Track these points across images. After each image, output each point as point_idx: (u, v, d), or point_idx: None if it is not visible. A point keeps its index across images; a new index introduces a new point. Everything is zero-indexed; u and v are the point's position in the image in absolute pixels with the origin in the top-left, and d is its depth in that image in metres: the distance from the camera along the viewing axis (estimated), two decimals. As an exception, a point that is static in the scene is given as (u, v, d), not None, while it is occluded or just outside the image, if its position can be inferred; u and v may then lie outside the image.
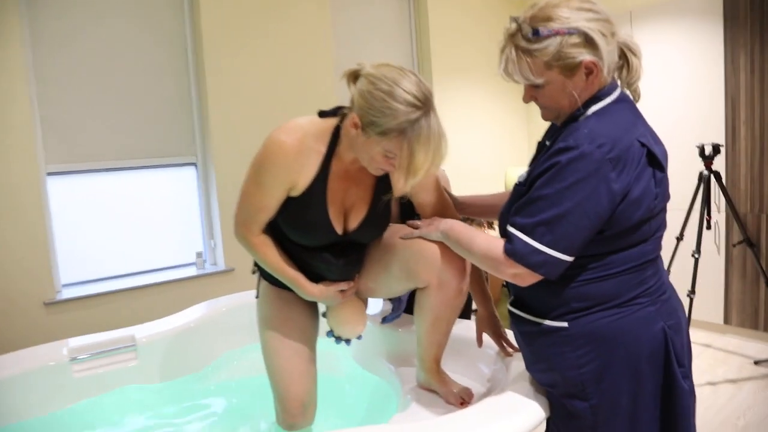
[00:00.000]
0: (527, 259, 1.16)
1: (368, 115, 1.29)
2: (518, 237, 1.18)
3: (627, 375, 1.22)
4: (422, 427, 1.30)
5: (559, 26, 1.14)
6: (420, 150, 1.26)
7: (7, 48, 2.66)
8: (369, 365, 2.09)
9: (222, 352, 2.32)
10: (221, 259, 3.35)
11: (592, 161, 1.11)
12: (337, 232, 1.50)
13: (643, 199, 1.18)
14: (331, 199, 1.47)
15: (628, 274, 1.22)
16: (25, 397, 1.90)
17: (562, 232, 1.14)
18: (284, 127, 1.41)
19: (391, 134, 1.27)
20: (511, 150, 4.88)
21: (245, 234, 1.51)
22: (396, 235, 1.55)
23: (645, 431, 1.26)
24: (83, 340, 2.10)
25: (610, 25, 1.19)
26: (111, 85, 3.07)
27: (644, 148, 1.18)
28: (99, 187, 3.09)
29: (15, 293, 2.71)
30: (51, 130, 2.90)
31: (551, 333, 1.26)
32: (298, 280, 1.54)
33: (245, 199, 1.50)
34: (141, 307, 3.00)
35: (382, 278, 1.60)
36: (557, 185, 1.14)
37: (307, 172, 1.43)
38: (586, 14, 1.16)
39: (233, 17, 3.33)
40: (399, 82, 1.27)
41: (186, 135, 3.33)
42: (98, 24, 3.02)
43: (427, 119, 1.27)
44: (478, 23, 4.61)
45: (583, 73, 1.17)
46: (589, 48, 1.15)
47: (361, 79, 1.33)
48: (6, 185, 2.69)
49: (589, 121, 1.18)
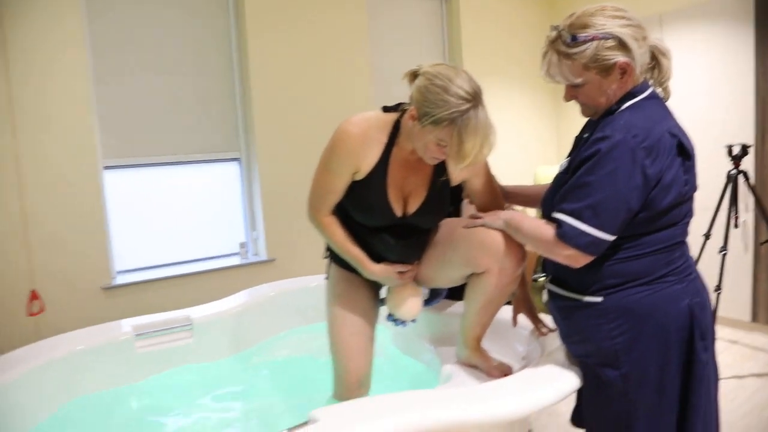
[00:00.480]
0: (577, 241, 1.30)
1: (423, 106, 1.45)
2: (567, 222, 1.31)
3: (656, 346, 1.35)
4: (467, 392, 1.44)
5: (595, 32, 1.30)
6: (468, 138, 1.41)
7: (71, 52, 2.88)
8: (408, 348, 2.22)
9: (268, 333, 2.48)
10: (263, 249, 3.53)
11: (628, 149, 1.25)
12: (396, 214, 1.66)
13: (673, 185, 1.30)
14: (391, 183, 1.63)
15: (658, 254, 1.35)
16: (95, 369, 2.07)
17: (607, 214, 1.27)
18: (351, 119, 1.60)
19: (443, 123, 1.43)
20: (540, 150, 4.97)
21: (316, 215, 1.69)
22: (457, 227, 1.69)
23: (670, 398, 1.38)
24: (144, 320, 2.27)
25: (642, 30, 1.33)
26: (161, 85, 3.27)
27: (674, 139, 1.31)
28: (150, 180, 3.29)
29: (76, 278, 2.92)
30: (107, 127, 3.11)
31: (587, 307, 1.39)
32: (360, 258, 1.71)
33: (316, 183, 1.67)
34: (188, 294, 3.19)
35: (441, 266, 1.74)
36: (599, 171, 1.27)
37: (370, 158, 1.60)
38: (620, 21, 1.31)
39: (276, 20, 3.51)
40: (452, 78, 1.43)
41: (231, 132, 3.52)
42: (150, 27, 3.23)
43: (476, 111, 1.42)
44: (509, 27, 4.72)
45: (618, 73, 1.32)
46: (622, 50, 1.30)
47: (419, 77, 1.49)
48: (68, 178, 2.90)
49: (624, 114, 1.32)
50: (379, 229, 1.69)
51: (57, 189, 2.86)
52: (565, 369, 1.48)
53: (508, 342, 1.89)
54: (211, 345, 2.32)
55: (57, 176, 2.86)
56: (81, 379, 2.03)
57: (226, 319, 2.38)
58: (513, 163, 4.73)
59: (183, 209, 3.40)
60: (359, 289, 1.81)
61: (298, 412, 1.69)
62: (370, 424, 1.27)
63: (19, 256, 2.70)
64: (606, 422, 1.44)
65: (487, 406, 1.35)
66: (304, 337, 2.49)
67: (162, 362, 2.20)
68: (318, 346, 2.40)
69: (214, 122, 3.46)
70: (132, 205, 3.24)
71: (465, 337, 1.75)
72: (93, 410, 1.97)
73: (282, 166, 3.54)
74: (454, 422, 1.32)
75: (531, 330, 1.83)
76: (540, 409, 1.39)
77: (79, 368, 2.03)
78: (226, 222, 3.56)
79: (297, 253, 3.58)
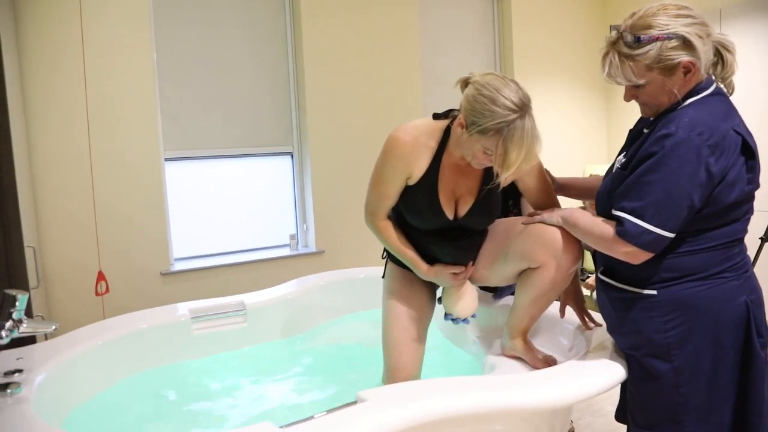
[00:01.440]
0: (638, 239, 1.30)
1: (471, 115, 1.49)
2: (629, 219, 1.31)
3: (710, 341, 1.35)
4: (511, 379, 1.47)
5: (659, 33, 1.28)
6: (513, 148, 1.44)
7: (139, 54, 3.07)
8: (454, 338, 2.27)
9: (317, 321, 2.56)
10: (312, 241, 3.63)
11: (693, 147, 1.25)
12: (448, 218, 1.70)
13: (737, 182, 1.30)
14: (442, 187, 1.68)
15: (717, 250, 1.35)
16: (155, 347, 2.20)
17: (669, 212, 1.27)
18: (402, 126, 1.66)
19: (489, 133, 1.46)
20: (590, 150, 4.92)
21: (372, 219, 1.76)
22: (514, 225, 1.72)
23: (722, 392, 1.38)
24: (201, 303, 2.39)
25: (706, 27, 1.31)
26: (219, 82, 3.41)
27: (739, 137, 1.30)
28: (206, 172, 3.44)
29: (137, 263, 3.08)
30: (168, 121, 3.27)
31: (641, 299, 1.40)
32: (415, 260, 1.76)
33: (371, 190, 1.74)
34: (240, 282, 3.31)
35: (496, 264, 1.76)
36: (663, 169, 1.27)
37: (421, 164, 1.65)
38: (684, 20, 1.29)
39: (329, 19, 3.61)
40: (500, 89, 1.46)
41: (284, 127, 3.64)
42: (209, 27, 3.37)
43: (522, 122, 1.45)
44: (559, 27, 4.68)
45: (682, 72, 1.30)
46: (687, 50, 1.28)
47: (469, 86, 1.53)
48: (133, 169, 3.07)
49: (687, 111, 1.31)
50: (432, 232, 1.73)
51: (123, 179, 3.03)
52: (610, 362, 1.49)
53: (553, 335, 1.91)
54: (263, 330, 2.41)
55: (123, 167, 3.03)
56: (142, 355, 2.15)
57: (277, 305, 2.47)
58: (563, 162, 4.68)
59: (237, 201, 3.53)
60: (415, 287, 1.85)
61: (346, 394, 1.76)
62: (416, 405, 1.32)
63: (89, 240, 2.88)
64: (653, 415, 1.44)
65: (530, 393, 1.39)
66: (351, 326, 2.56)
67: (216, 344, 2.31)
68: (365, 334, 2.47)
69: (269, 118, 3.59)
70: (189, 196, 3.39)
71: (512, 328, 1.77)
72: (150, 384, 2.09)
73: (332, 161, 3.64)
74: (497, 407, 1.36)
75: (577, 324, 1.84)
76: (582, 399, 1.42)
77: (141, 345, 2.15)
78: (277, 214, 3.68)
79: (345, 246, 3.67)
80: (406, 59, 3.92)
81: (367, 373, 2.11)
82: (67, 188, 2.89)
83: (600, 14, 4.93)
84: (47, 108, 2.84)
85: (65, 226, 2.89)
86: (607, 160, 5.03)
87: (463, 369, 2.10)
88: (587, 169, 4.17)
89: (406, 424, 1.28)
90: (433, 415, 1.32)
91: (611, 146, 5.01)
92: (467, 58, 4.36)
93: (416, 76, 3.94)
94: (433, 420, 1.31)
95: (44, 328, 1.53)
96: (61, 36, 2.83)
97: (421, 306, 1.85)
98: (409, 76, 3.92)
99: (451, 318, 1.86)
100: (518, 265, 1.70)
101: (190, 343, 2.28)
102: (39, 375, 1.66)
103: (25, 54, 2.78)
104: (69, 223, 2.90)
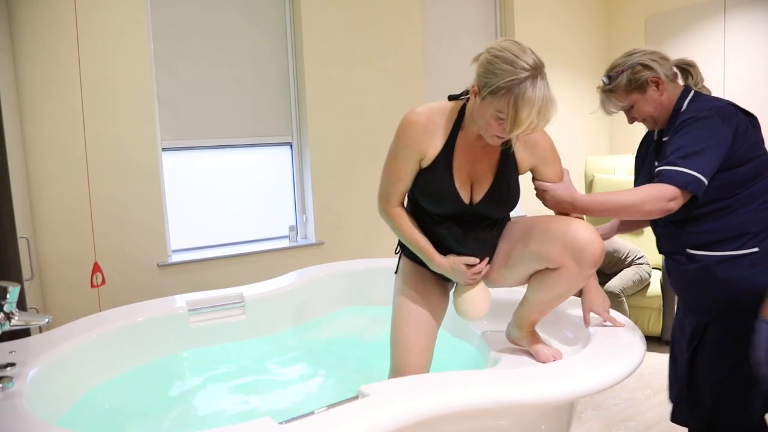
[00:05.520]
0: (678, 179, 1.51)
1: (484, 77, 1.45)
2: (666, 169, 1.54)
3: None
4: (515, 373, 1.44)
5: (622, 67, 1.71)
6: (524, 107, 1.40)
7: (135, 39, 3.00)
8: (457, 330, 2.23)
9: (317, 313, 2.53)
10: (312, 233, 3.59)
11: (709, 116, 1.57)
12: (463, 201, 1.64)
13: (759, 141, 1.61)
14: (457, 169, 1.62)
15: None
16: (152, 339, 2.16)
17: (701, 162, 1.52)
18: (415, 108, 1.62)
19: (500, 92, 1.42)
20: (592, 140, 4.89)
21: (385, 206, 1.70)
22: (533, 224, 1.65)
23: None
24: (200, 296, 2.35)
25: (658, 53, 1.70)
26: (218, 71, 3.36)
27: (735, 108, 1.61)
28: (204, 162, 3.39)
29: (134, 255, 3.04)
30: (165, 111, 3.22)
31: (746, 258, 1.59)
32: (428, 250, 1.69)
33: (385, 173, 1.69)
34: (239, 274, 3.28)
35: (513, 264, 1.68)
36: (691, 134, 1.57)
37: (435, 144, 1.60)
38: (638, 55, 1.70)
39: (330, 8, 3.55)
40: (514, 51, 1.43)
41: (283, 117, 3.59)
42: (208, 14, 3.31)
43: (534, 81, 1.41)
44: (561, 19, 4.63)
45: (653, 86, 1.67)
46: (647, 70, 1.67)
47: (483, 54, 1.49)
48: (130, 159, 3.02)
49: (691, 105, 1.64)
50: (446, 218, 1.67)
51: (119, 169, 2.98)
52: (615, 356, 1.46)
53: (558, 328, 1.88)
54: (262, 322, 2.38)
55: (119, 157, 2.98)
56: (138, 348, 2.12)
57: (276, 297, 2.44)
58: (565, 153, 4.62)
59: (235, 191, 3.49)
60: (428, 284, 1.79)
61: (346, 389, 1.72)
62: (418, 400, 1.29)
63: (85, 231, 2.83)
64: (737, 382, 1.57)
65: (536, 388, 1.36)
66: (351, 318, 2.53)
67: (215, 337, 2.28)
68: (365, 326, 2.44)
69: (268, 107, 3.53)
70: (187, 186, 3.34)
71: (521, 319, 1.73)
72: (147, 378, 2.06)
73: (332, 151, 3.59)
74: (501, 402, 1.33)
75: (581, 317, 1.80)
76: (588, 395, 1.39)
77: (137, 338, 2.12)
78: (276, 205, 3.63)
79: (344, 238, 3.63)
80: (408, 49, 3.86)
81: (369, 367, 2.08)
82: (62, 178, 2.84)
83: (602, 3, 4.87)
84: (41, 96, 2.78)
85: (60, 217, 2.85)
86: (609, 151, 5.00)
87: (466, 362, 2.07)
88: (589, 160, 4.14)
89: (409, 420, 1.25)
90: (437, 410, 1.29)
91: (613, 137, 4.97)
92: (470, 50, 4.27)
93: (418, 67, 3.88)
94: (437, 415, 1.28)
95: (37, 321, 1.49)
96: (55, 22, 2.77)
97: (434, 305, 1.78)
98: (411, 67, 3.87)
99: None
100: (535, 266, 1.64)
101: (187, 336, 2.25)
102: (32, 369, 1.62)
103: (18, 41, 2.72)
104: (64, 213, 2.85)
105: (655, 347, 3.31)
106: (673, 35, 4.34)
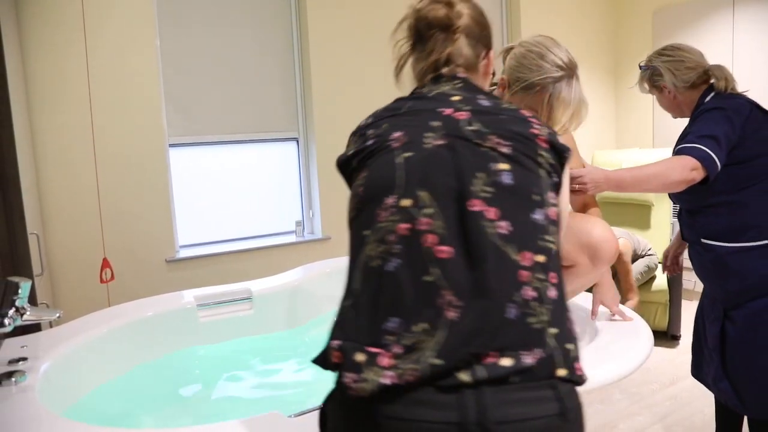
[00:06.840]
0: (695, 153, 1.64)
1: (516, 72, 1.42)
2: (684, 146, 1.67)
3: None
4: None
5: (648, 64, 1.90)
6: (559, 107, 1.38)
7: (142, 35, 3.01)
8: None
9: (323, 308, 2.53)
10: (318, 228, 3.60)
11: (722, 109, 1.71)
12: None
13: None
14: None
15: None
16: (163, 334, 2.18)
17: (712, 145, 1.65)
18: None
19: (534, 89, 1.39)
20: (599, 135, 4.87)
21: None
22: None
23: None
24: (207, 291, 2.37)
25: (687, 63, 1.83)
26: (224, 66, 3.37)
27: (751, 104, 1.74)
28: (211, 158, 3.41)
29: (142, 250, 3.06)
30: (172, 106, 3.23)
31: (754, 249, 1.69)
32: None
33: None
34: (246, 268, 3.29)
35: None
36: (706, 121, 1.71)
37: None
38: (666, 59, 1.86)
39: (335, 5, 3.55)
40: (551, 47, 1.41)
41: (290, 112, 3.59)
42: (214, 11, 3.32)
43: (569, 81, 1.39)
44: (568, 12, 4.61)
45: (666, 91, 1.88)
46: (661, 77, 1.87)
47: (516, 47, 1.47)
48: (137, 156, 3.03)
49: (711, 101, 1.79)
50: None
51: (127, 165, 3.00)
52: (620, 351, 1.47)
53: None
54: (269, 317, 2.40)
55: (127, 154, 3.00)
56: (148, 342, 2.14)
57: (283, 292, 2.45)
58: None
59: (242, 187, 3.50)
60: None
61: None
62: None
63: (94, 227, 2.85)
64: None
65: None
66: (358, 313, 2.54)
67: (223, 332, 2.30)
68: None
69: (274, 103, 3.54)
70: (194, 182, 3.36)
71: None
72: (156, 372, 2.07)
73: (338, 147, 3.55)
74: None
75: (588, 311, 1.81)
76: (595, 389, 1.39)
77: (146, 333, 2.14)
78: (283, 200, 3.65)
79: (351, 233, 3.62)
80: (413, 43, 3.85)
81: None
82: (71, 175, 2.86)
83: (608, 2, 4.85)
84: (50, 94, 2.80)
85: (69, 213, 2.87)
86: (616, 146, 4.99)
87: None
88: (596, 154, 4.13)
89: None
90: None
91: (619, 131, 4.95)
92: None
93: (423, 61, 3.87)
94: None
95: (48, 316, 1.51)
96: (63, 19, 2.78)
97: None
98: (416, 61, 3.85)
99: None
100: None
101: (196, 331, 2.26)
102: (44, 363, 1.64)
103: (26, 38, 2.74)
104: (73, 210, 2.88)
105: (661, 342, 3.31)
106: (680, 29, 4.31)
